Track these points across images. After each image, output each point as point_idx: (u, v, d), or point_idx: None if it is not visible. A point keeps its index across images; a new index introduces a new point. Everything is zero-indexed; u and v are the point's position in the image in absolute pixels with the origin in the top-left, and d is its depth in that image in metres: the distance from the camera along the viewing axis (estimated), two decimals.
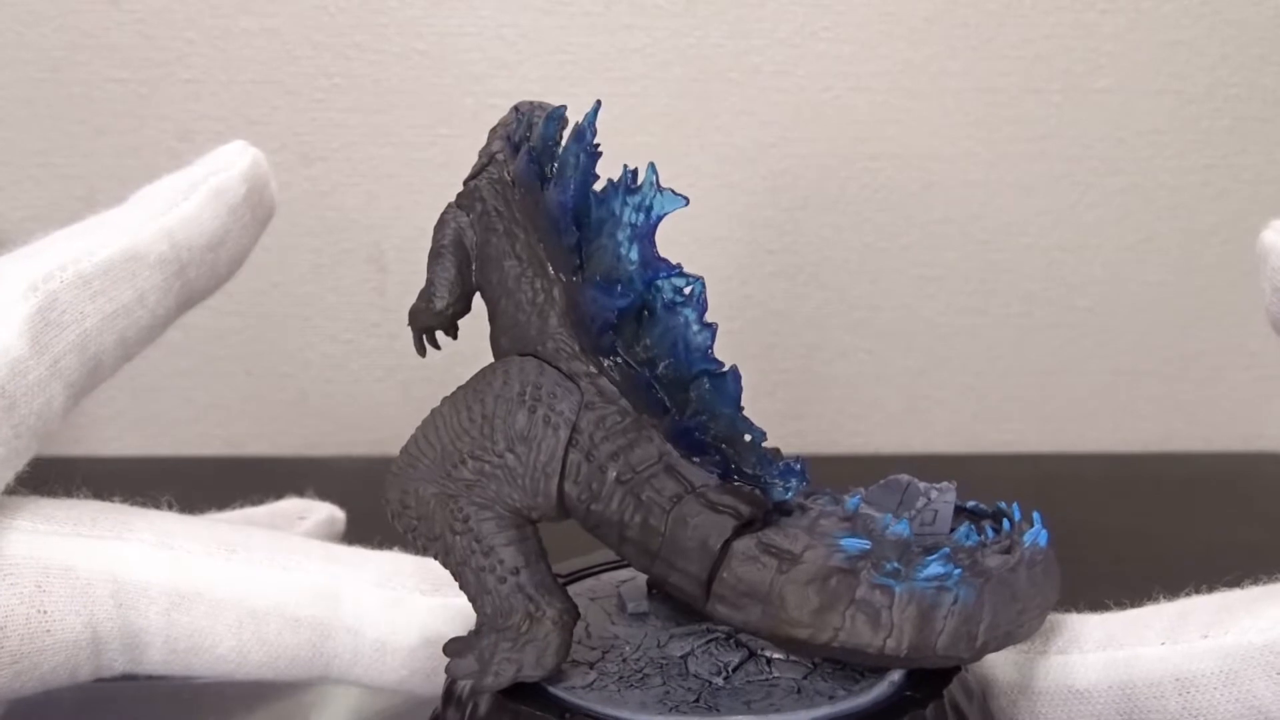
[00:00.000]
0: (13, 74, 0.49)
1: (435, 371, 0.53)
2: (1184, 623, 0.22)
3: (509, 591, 0.20)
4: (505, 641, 0.20)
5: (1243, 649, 0.21)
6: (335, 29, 0.49)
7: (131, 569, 0.24)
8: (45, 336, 0.24)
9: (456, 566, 0.21)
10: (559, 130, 0.22)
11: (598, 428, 0.21)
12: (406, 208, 0.51)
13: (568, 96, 0.23)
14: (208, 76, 0.49)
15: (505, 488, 0.21)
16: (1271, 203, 0.52)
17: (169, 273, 0.26)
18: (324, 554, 0.26)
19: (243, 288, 0.53)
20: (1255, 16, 0.50)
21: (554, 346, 0.21)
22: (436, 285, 0.24)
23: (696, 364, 0.20)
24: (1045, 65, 0.50)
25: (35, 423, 0.24)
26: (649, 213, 0.20)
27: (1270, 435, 0.54)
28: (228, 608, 0.24)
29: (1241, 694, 0.21)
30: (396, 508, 0.21)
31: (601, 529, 0.21)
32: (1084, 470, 0.52)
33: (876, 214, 0.52)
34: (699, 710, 0.20)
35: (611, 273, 0.20)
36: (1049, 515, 0.23)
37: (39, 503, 0.25)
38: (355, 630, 0.25)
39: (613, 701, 0.20)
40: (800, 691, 0.21)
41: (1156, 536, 0.42)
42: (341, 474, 0.52)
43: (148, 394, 0.52)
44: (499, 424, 0.21)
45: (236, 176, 0.28)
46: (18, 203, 0.50)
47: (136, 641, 0.24)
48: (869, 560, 0.20)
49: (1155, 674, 0.22)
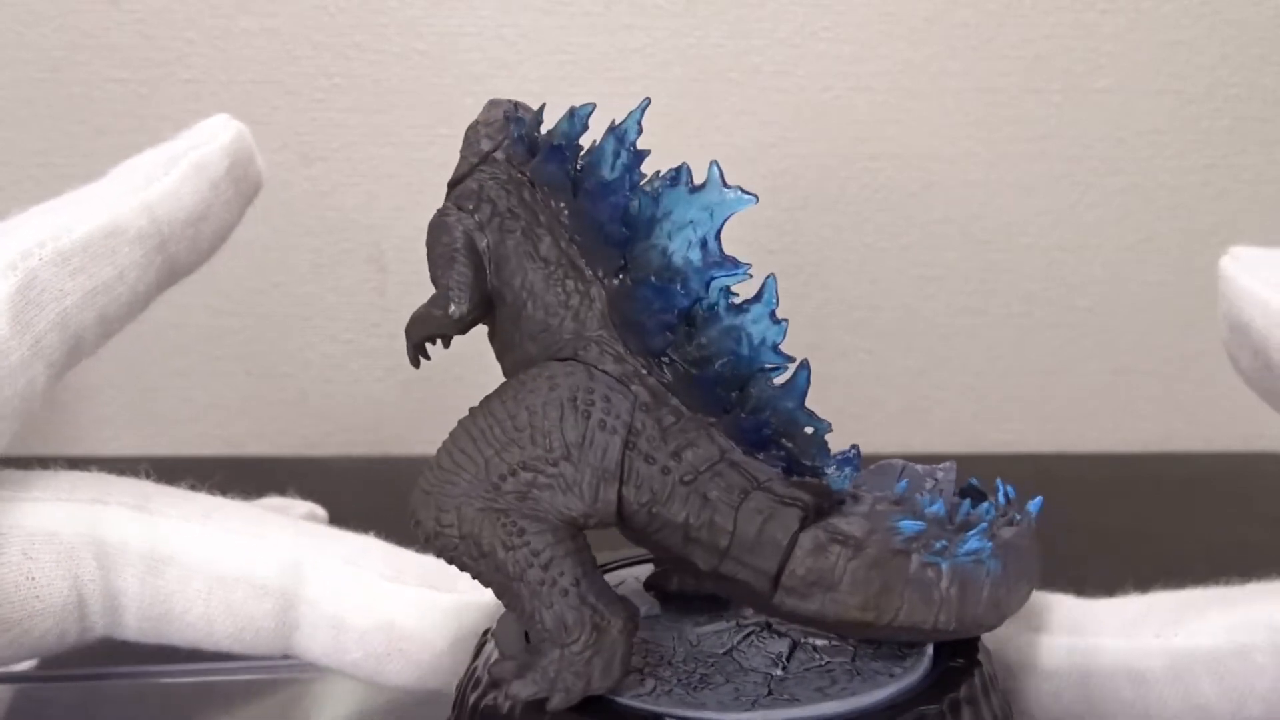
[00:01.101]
0: (13, 74, 0.49)
1: (435, 371, 0.53)
2: (1143, 619, 0.23)
3: (573, 604, 0.19)
4: (570, 656, 0.19)
5: (1190, 651, 0.22)
6: (335, 29, 0.49)
7: (111, 532, 0.24)
8: (26, 316, 0.23)
9: (509, 583, 0.20)
10: (583, 128, 0.22)
11: (654, 429, 0.20)
12: (406, 208, 0.51)
13: (568, 96, 0.23)
14: (208, 76, 0.49)
15: (561, 497, 0.20)
16: (1271, 203, 0.52)
17: (149, 248, 0.26)
18: (297, 528, 0.26)
19: (243, 288, 0.53)
20: (1255, 16, 0.50)
21: (597, 350, 0.21)
22: (455, 290, 0.22)
23: (765, 360, 0.20)
24: (1045, 65, 0.50)
25: (19, 404, 0.23)
26: (714, 211, 0.20)
27: (1270, 435, 0.54)
28: (198, 572, 0.25)
29: (1188, 692, 0.22)
30: (432, 528, 0.20)
31: (663, 532, 0.20)
32: (1084, 470, 0.52)
33: (876, 214, 0.52)
34: (780, 703, 0.20)
35: (664, 272, 0.20)
36: (1049, 515, 0.23)
37: (15, 474, 0.25)
38: (315, 603, 0.25)
39: (693, 704, 0.20)
40: (859, 674, 0.21)
41: (1156, 536, 0.42)
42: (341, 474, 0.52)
43: (148, 394, 0.52)
44: (552, 432, 0.20)
45: (218, 151, 0.28)
46: (18, 203, 0.50)
47: (115, 604, 0.24)
48: (920, 540, 0.21)
49: (1110, 665, 0.23)
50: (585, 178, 0.21)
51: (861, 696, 0.20)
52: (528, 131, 0.23)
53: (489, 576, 0.20)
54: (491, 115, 0.24)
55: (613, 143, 0.21)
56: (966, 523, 0.21)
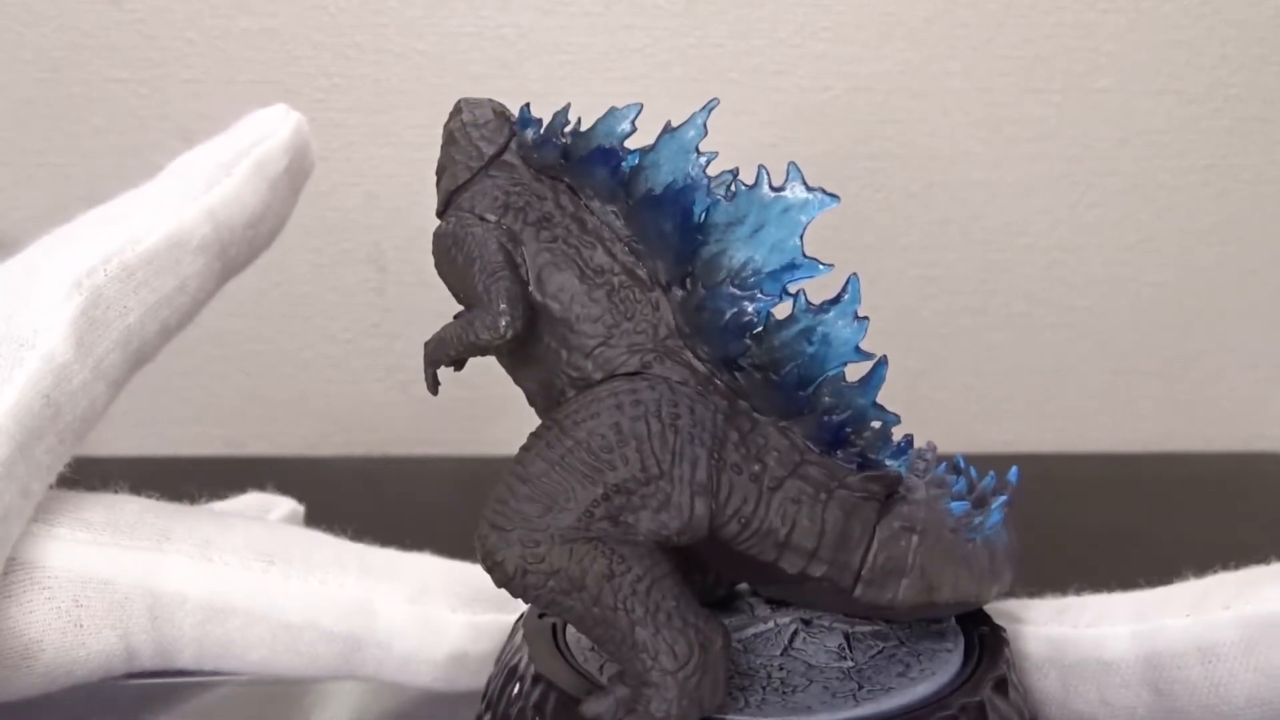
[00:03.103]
0: (13, 74, 0.49)
1: None
2: (1207, 596, 0.23)
3: (678, 627, 0.19)
4: (683, 681, 0.19)
5: (1262, 618, 0.22)
6: (335, 29, 0.49)
7: (169, 582, 0.24)
8: (90, 337, 0.23)
9: (608, 614, 0.19)
10: (631, 129, 0.21)
11: (737, 437, 0.20)
12: (406, 208, 0.51)
13: (568, 96, 0.23)
14: (208, 76, 0.49)
15: (656, 517, 0.19)
16: (1271, 203, 0.52)
17: (210, 255, 0.25)
18: (359, 566, 0.25)
19: (243, 288, 0.53)
20: (1255, 16, 0.50)
21: (671, 361, 0.20)
22: (505, 305, 0.20)
23: (846, 359, 0.20)
24: (1045, 65, 0.50)
25: (80, 426, 0.23)
26: (797, 213, 0.20)
27: (1270, 435, 0.54)
28: (262, 621, 0.24)
29: (1261, 662, 0.22)
30: (518, 567, 0.19)
31: (753, 540, 0.20)
32: (1084, 470, 0.52)
33: (876, 214, 0.52)
34: (879, 693, 0.20)
35: (741, 276, 0.20)
36: (1049, 515, 0.24)
37: (78, 503, 0.24)
38: (385, 645, 0.25)
39: (800, 709, 0.20)
40: (919, 654, 0.21)
41: (1156, 536, 0.42)
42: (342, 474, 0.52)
43: (148, 394, 0.52)
44: (644, 450, 0.19)
45: (279, 148, 0.27)
46: (18, 203, 0.50)
47: (169, 649, 0.24)
48: (965, 520, 0.21)
49: (1179, 645, 0.23)
50: (642, 181, 0.20)
51: (940, 675, 0.21)
52: (552, 132, 0.22)
53: (581, 611, 0.19)
54: (479, 115, 0.23)
55: (673, 144, 0.20)
56: (982, 497, 0.22)
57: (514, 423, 0.61)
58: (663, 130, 0.21)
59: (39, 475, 0.23)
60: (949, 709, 0.19)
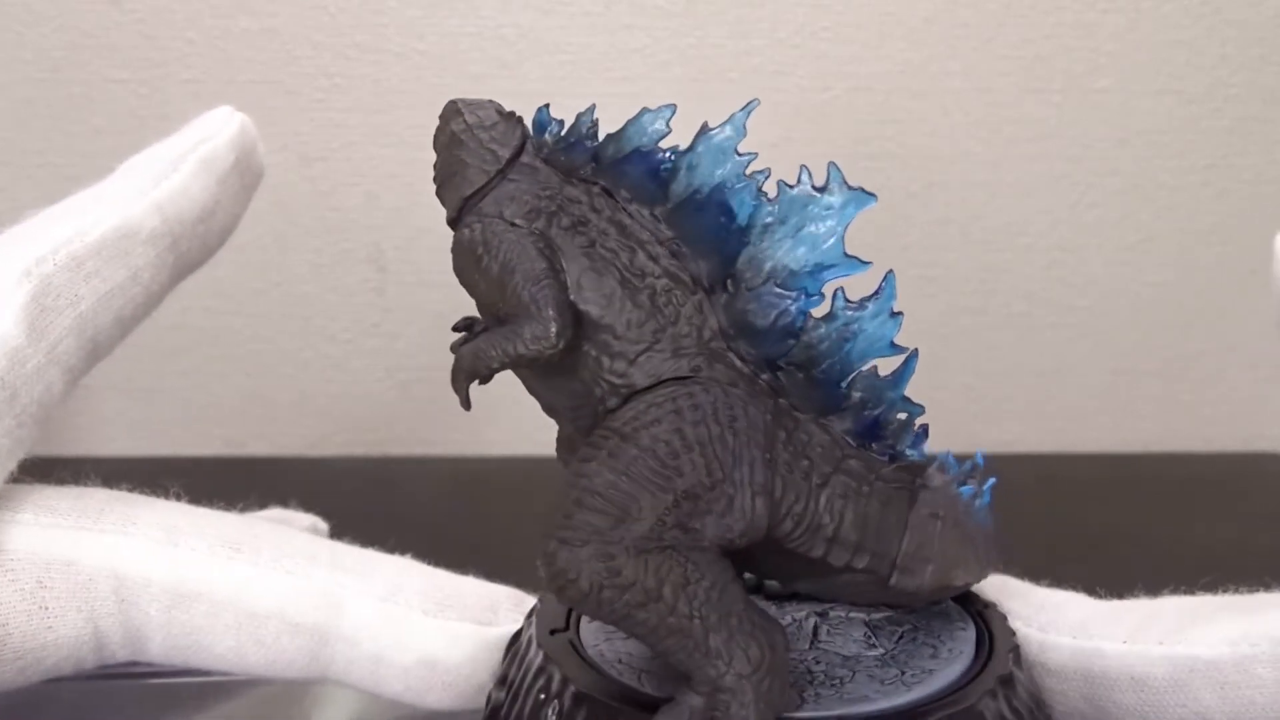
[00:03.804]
0: (13, 74, 0.49)
1: (435, 372, 0.53)
2: (1148, 625, 0.23)
3: (747, 630, 0.19)
4: (757, 684, 0.19)
5: (1191, 660, 0.22)
6: (335, 29, 0.49)
7: (133, 565, 0.24)
8: (41, 322, 0.23)
9: (682, 623, 0.18)
10: (666, 130, 0.21)
11: (784, 436, 0.20)
12: (406, 208, 0.51)
13: (568, 96, 0.23)
14: (208, 76, 0.49)
15: (721, 520, 0.19)
16: (1271, 203, 0.52)
17: (162, 247, 0.26)
18: (330, 559, 0.25)
19: (243, 288, 0.53)
20: (1255, 16, 0.50)
21: (721, 365, 0.20)
22: (554, 313, 0.20)
23: (882, 354, 0.21)
24: (1045, 65, 0.50)
25: (36, 410, 0.23)
26: (838, 212, 0.20)
27: (1270, 435, 0.54)
28: (227, 608, 0.24)
29: (1188, 700, 0.22)
30: (595, 583, 0.18)
31: (804, 536, 0.20)
32: (1084, 470, 0.52)
33: (876, 214, 0.51)
34: (923, 677, 0.21)
35: (785, 276, 0.20)
36: (1049, 515, 0.24)
37: (43, 492, 0.24)
38: (353, 641, 0.25)
39: (857, 700, 0.20)
40: (938, 635, 0.22)
41: (1156, 536, 0.42)
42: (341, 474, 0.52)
43: (148, 394, 0.52)
44: (709, 454, 0.19)
45: (224, 145, 0.27)
46: (18, 203, 0.50)
47: (137, 635, 0.24)
48: (969, 503, 0.22)
49: (1114, 669, 0.23)
50: (683, 183, 0.20)
51: (966, 652, 0.21)
52: (578, 134, 0.21)
53: (655, 622, 0.18)
54: (483, 117, 0.22)
55: (713, 145, 0.20)
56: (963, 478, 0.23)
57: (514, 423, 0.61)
58: (700, 131, 0.20)
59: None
60: (987, 684, 0.20)
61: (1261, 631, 0.22)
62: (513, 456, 0.53)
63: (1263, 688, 0.21)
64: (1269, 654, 0.21)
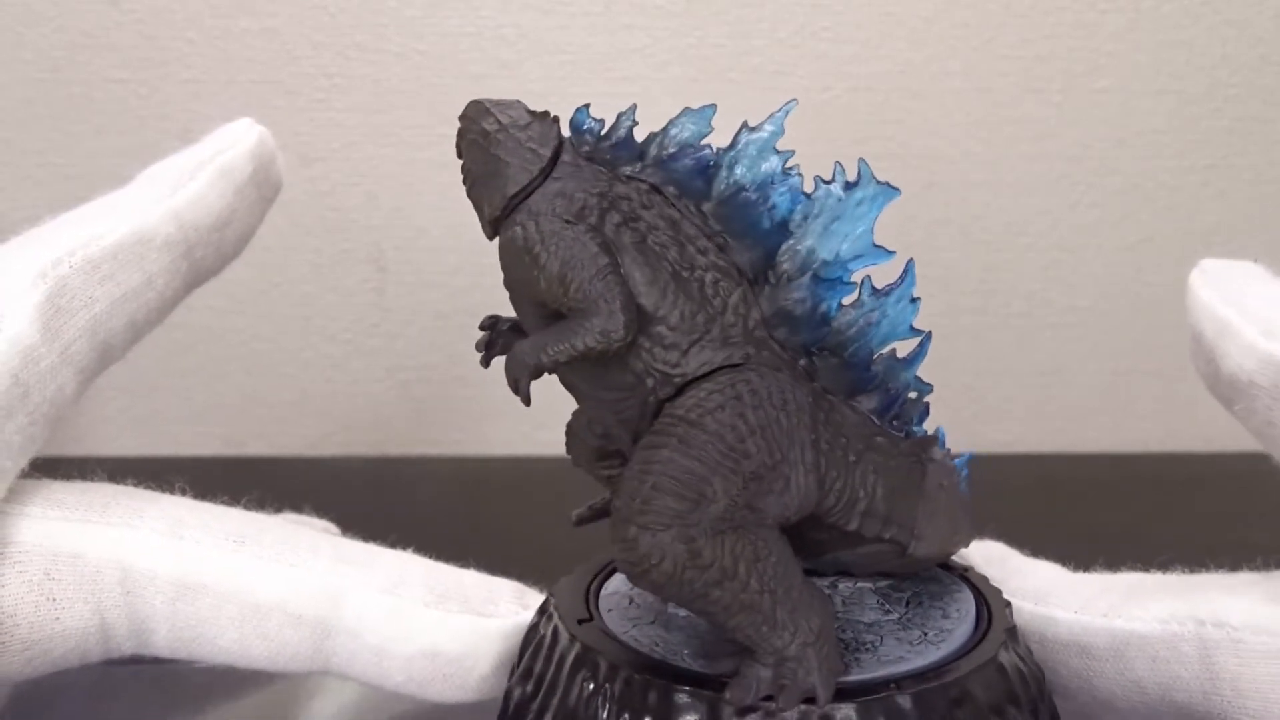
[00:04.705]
0: (13, 74, 0.49)
1: (435, 372, 0.53)
2: (1099, 598, 0.25)
3: (809, 600, 0.20)
4: (820, 650, 0.20)
5: (1127, 634, 0.24)
6: (335, 29, 0.49)
7: (139, 557, 0.24)
8: (56, 323, 0.23)
9: (754, 598, 0.19)
10: (709, 128, 0.22)
11: (823, 417, 0.21)
12: (406, 208, 0.51)
13: (568, 96, 0.23)
14: (208, 76, 0.49)
15: (781, 499, 0.20)
16: (1272, 203, 0.52)
17: (176, 254, 0.26)
18: (333, 552, 0.25)
19: (243, 288, 0.53)
20: (1255, 16, 0.50)
21: (768, 352, 0.21)
22: (620, 306, 0.20)
23: (902, 336, 0.22)
24: (1045, 65, 0.50)
25: (49, 410, 0.23)
26: (869, 204, 0.22)
27: None
28: (231, 601, 0.24)
29: (1125, 670, 0.24)
30: (678, 565, 0.19)
31: (841, 511, 0.21)
32: (1084, 470, 0.52)
33: None
34: (944, 637, 0.22)
35: (825, 266, 0.21)
36: (1049, 515, 0.24)
37: (51, 486, 0.25)
38: (355, 634, 0.25)
39: (897, 662, 0.21)
40: (940, 598, 0.24)
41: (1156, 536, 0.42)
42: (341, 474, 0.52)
43: (148, 394, 0.52)
44: (770, 437, 0.20)
45: (243, 155, 0.28)
46: (18, 203, 0.50)
47: (143, 628, 0.24)
48: (962, 474, 0.24)
49: (1064, 636, 0.25)
50: (728, 179, 0.21)
51: (969, 611, 0.23)
52: (620, 133, 0.22)
53: (728, 600, 0.19)
54: (516, 116, 0.22)
55: (756, 143, 0.21)
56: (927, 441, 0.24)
57: (514, 423, 0.61)
58: (740, 129, 0.22)
59: (10, 453, 0.23)
60: (999, 637, 0.22)
61: (1188, 612, 0.23)
62: (513, 456, 0.53)
63: (1187, 664, 0.23)
64: (1194, 634, 0.23)
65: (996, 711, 0.20)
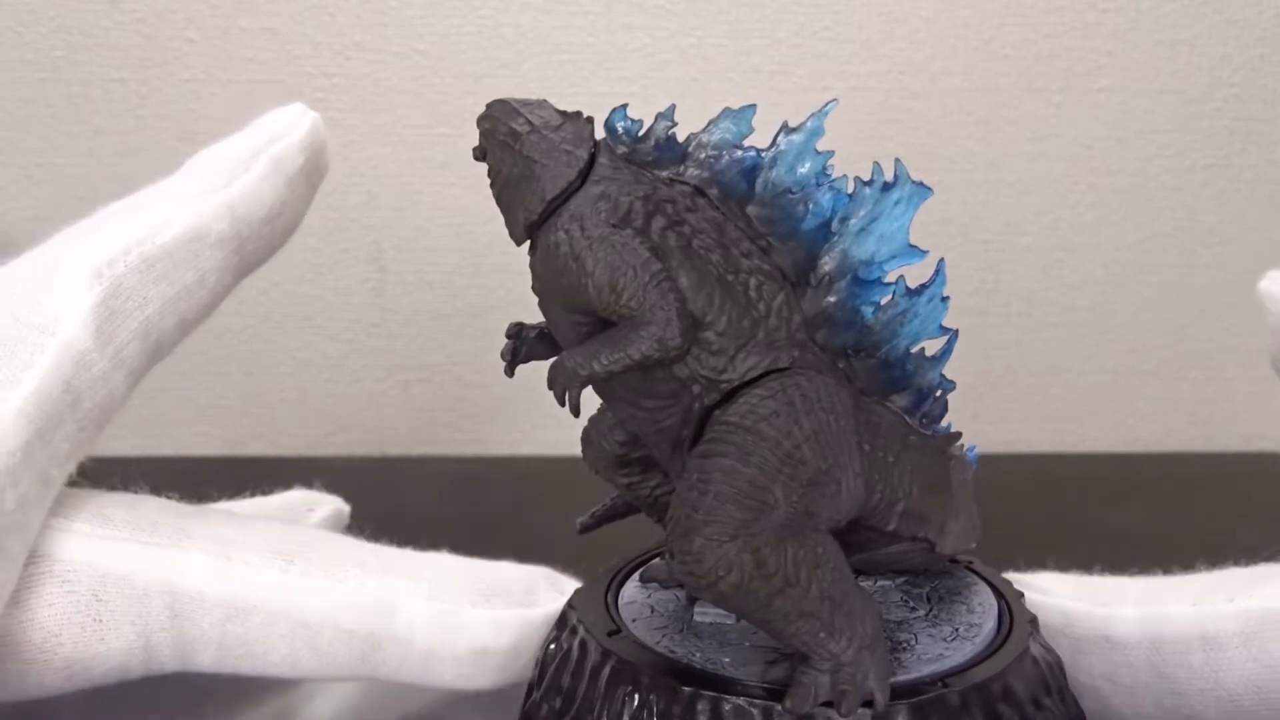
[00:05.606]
0: (13, 74, 0.49)
1: (435, 372, 0.53)
2: (1214, 588, 0.24)
3: (862, 604, 0.20)
4: (873, 653, 0.20)
5: (1263, 612, 0.23)
6: (335, 29, 0.49)
7: (188, 579, 0.24)
8: (109, 326, 0.23)
9: (815, 604, 0.19)
10: (749, 129, 0.21)
11: (863, 419, 0.21)
12: (406, 208, 0.51)
13: (568, 96, 0.23)
14: (208, 76, 0.49)
15: (834, 503, 0.20)
16: (1271, 203, 0.52)
17: (229, 250, 0.26)
18: (380, 564, 0.25)
19: (242, 288, 0.53)
20: (1255, 16, 0.50)
21: (811, 355, 0.21)
22: (675, 315, 0.20)
23: (930, 335, 0.22)
24: (1045, 65, 0.50)
25: (98, 415, 0.23)
26: (905, 205, 0.21)
27: (1270, 435, 0.54)
28: (282, 619, 0.24)
29: (1260, 653, 0.23)
30: (746, 576, 0.18)
31: (883, 513, 0.21)
32: (1084, 470, 0.52)
33: None
34: (974, 632, 0.22)
35: (864, 267, 0.21)
36: (1049, 515, 0.25)
37: (99, 500, 0.24)
38: (406, 641, 0.25)
39: (937, 660, 0.21)
40: (962, 594, 0.24)
41: (1156, 536, 0.42)
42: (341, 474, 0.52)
43: (148, 394, 0.52)
44: (823, 441, 0.20)
45: (296, 145, 0.27)
46: (18, 203, 0.50)
47: (189, 649, 0.24)
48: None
49: (1184, 632, 0.24)
50: (771, 180, 0.21)
51: (991, 606, 0.23)
52: (661, 135, 0.21)
53: (789, 608, 0.19)
54: (547, 117, 0.21)
55: (797, 144, 0.21)
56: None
57: (514, 423, 0.61)
58: (780, 130, 0.21)
59: (58, 462, 0.23)
60: (1025, 629, 0.22)
61: None
62: (513, 456, 0.53)
63: None
64: None
65: (1034, 702, 0.20)
